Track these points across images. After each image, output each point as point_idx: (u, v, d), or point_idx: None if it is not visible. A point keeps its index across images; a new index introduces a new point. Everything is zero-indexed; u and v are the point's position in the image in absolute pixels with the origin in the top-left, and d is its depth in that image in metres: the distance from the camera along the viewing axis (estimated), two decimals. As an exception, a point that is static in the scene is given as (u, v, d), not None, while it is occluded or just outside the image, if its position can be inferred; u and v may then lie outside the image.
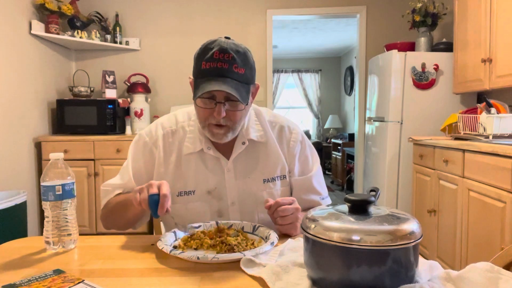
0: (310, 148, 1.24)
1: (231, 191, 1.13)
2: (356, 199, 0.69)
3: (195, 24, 3.91)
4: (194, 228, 0.99)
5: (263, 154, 1.16)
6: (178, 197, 1.13)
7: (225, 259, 0.80)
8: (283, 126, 1.20)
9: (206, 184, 1.13)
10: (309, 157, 1.23)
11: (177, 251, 0.84)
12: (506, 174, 1.85)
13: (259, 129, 1.17)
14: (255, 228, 0.99)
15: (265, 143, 1.16)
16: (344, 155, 5.89)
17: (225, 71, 0.99)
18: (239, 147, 1.13)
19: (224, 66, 0.98)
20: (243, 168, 1.15)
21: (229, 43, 1.01)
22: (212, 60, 0.99)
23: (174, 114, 1.21)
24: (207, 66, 0.99)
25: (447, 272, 0.69)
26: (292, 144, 1.19)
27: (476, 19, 2.67)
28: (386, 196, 3.21)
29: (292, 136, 1.20)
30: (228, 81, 0.98)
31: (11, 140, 2.93)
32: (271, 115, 1.23)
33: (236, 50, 1.00)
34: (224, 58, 0.98)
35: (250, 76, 1.04)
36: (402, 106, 3.16)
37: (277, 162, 1.17)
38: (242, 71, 1.01)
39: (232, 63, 0.99)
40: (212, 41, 1.02)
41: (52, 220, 0.90)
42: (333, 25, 5.55)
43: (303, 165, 1.21)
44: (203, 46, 1.02)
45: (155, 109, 3.88)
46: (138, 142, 1.18)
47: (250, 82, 1.05)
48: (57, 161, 0.91)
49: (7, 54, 2.88)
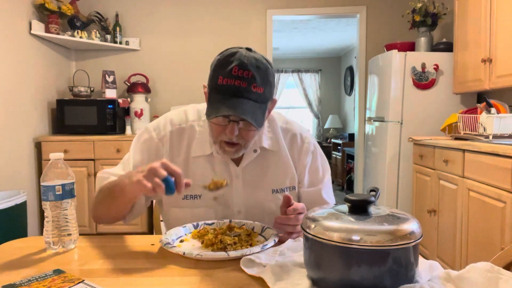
0: (321, 158, 1.20)
1: (238, 199, 1.10)
2: (356, 199, 0.69)
3: (195, 24, 3.90)
4: (207, 225, 1.01)
5: (274, 164, 1.12)
6: (184, 201, 1.09)
7: (208, 257, 0.81)
8: (295, 134, 1.16)
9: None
10: (320, 168, 1.19)
11: (169, 244, 0.86)
12: (506, 174, 1.85)
13: (271, 137, 1.13)
14: (263, 229, 0.99)
15: (276, 151, 1.12)
16: (344, 155, 5.89)
17: (242, 91, 0.92)
18: (250, 154, 1.09)
19: (242, 85, 0.92)
20: (252, 176, 1.11)
21: (250, 58, 0.93)
22: (230, 77, 0.92)
23: (184, 110, 1.15)
24: (224, 82, 0.93)
25: (447, 272, 0.69)
26: (303, 154, 1.16)
27: (476, 19, 2.67)
28: (386, 196, 3.21)
29: (304, 146, 1.16)
30: (244, 103, 0.92)
31: (11, 140, 2.93)
32: (284, 121, 1.18)
33: (256, 66, 0.93)
34: (243, 76, 0.92)
35: (269, 95, 0.98)
36: (402, 106, 3.16)
37: (287, 172, 1.13)
38: (261, 90, 0.94)
39: (251, 82, 0.92)
40: (233, 53, 0.94)
41: (52, 220, 0.90)
42: (333, 25, 5.55)
43: (313, 176, 1.18)
44: (222, 57, 0.95)
45: (155, 109, 3.88)
46: (143, 136, 1.12)
47: (267, 101, 0.99)
48: (57, 161, 0.91)
49: (7, 54, 2.88)
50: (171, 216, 1.11)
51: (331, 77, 7.72)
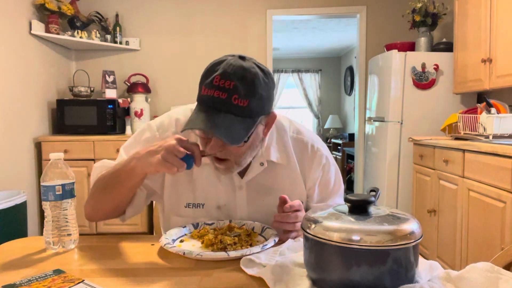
0: (333, 171, 1.12)
1: (242, 211, 1.05)
2: (356, 199, 0.69)
3: (195, 24, 3.90)
4: (206, 225, 1.01)
5: (281, 178, 1.05)
6: (186, 209, 1.04)
7: (208, 257, 0.81)
8: (306, 145, 1.08)
9: (216, 199, 1.04)
10: (331, 182, 1.11)
11: (169, 244, 0.86)
12: (506, 174, 1.85)
13: (279, 149, 1.05)
14: (263, 229, 0.99)
15: (285, 165, 1.05)
16: (344, 155, 5.89)
17: (221, 103, 0.84)
18: (256, 168, 1.02)
19: (222, 97, 0.83)
20: (257, 189, 1.05)
21: (236, 67, 0.85)
22: (210, 87, 0.84)
23: (191, 109, 1.00)
24: (205, 93, 0.86)
25: (447, 272, 0.69)
26: (314, 167, 1.08)
27: (476, 19, 2.67)
28: (386, 196, 3.21)
29: (315, 158, 1.08)
30: (220, 117, 0.84)
31: (11, 140, 2.94)
32: (295, 130, 1.09)
33: (242, 76, 0.84)
34: (224, 86, 0.83)
35: (258, 108, 0.88)
36: (402, 106, 3.16)
37: (295, 187, 1.06)
38: (245, 103, 0.84)
39: (232, 93, 0.83)
40: (221, 61, 0.87)
41: (52, 220, 0.90)
42: (333, 25, 5.55)
43: (323, 191, 1.11)
44: (210, 65, 0.89)
45: (155, 109, 3.88)
46: (145, 134, 1.06)
47: (255, 115, 0.88)
48: (57, 161, 0.91)
49: (7, 54, 2.88)
50: (171, 224, 1.06)
51: (331, 77, 7.72)
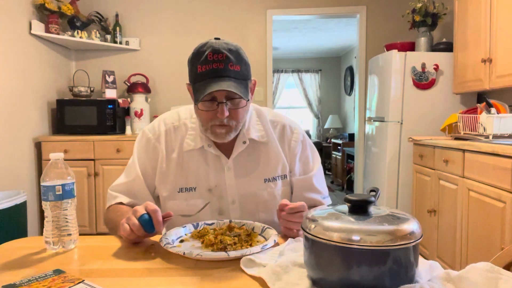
0: (311, 148, 1.25)
1: (232, 189, 1.15)
2: (356, 199, 0.69)
3: (195, 24, 3.91)
4: (206, 225, 1.02)
5: (264, 154, 1.17)
6: (179, 193, 1.14)
7: (208, 257, 0.81)
8: (284, 126, 1.22)
9: (207, 182, 1.14)
10: (310, 157, 1.24)
11: (169, 244, 0.86)
12: (506, 174, 1.85)
13: (260, 129, 1.18)
14: (263, 229, 0.99)
15: (266, 143, 1.17)
16: (344, 155, 5.89)
17: (221, 71, 1.00)
18: (239, 146, 1.14)
19: (220, 66, 0.99)
20: (243, 167, 1.16)
21: (220, 43, 1.02)
22: (207, 63, 1.00)
23: (176, 111, 1.23)
24: (203, 69, 1.00)
25: (447, 272, 0.69)
26: (293, 144, 1.20)
27: (476, 19, 2.67)
28: (386, 196, 3.21)
29: (293, 136, 1.21)
30: (226, 80, 0.99)
31: (11, 140, 2.94)
32: (273, 115, 1.24)
33: (228, 48, 1.01)
34: (218, 59, 0.99)
35: (246, 72, 1.05)
36: (402, 106, 3.16)
37: (278, 161, 1.18)
38: (238, 68, 1.02)
39: (227, 62, 1.00)
40: (203, 44, 1.03)
41: (52, 220, 0.90)
42: (333, 25, 5.55)
43: (304, 165, 1.22)
44: (196, 50, 1.03)
45: (155, 109, 3.88)
46: (142, 139, 1.20)
47: (247, 78, 1.06)
48: (57, 161, 0.91)
49: (7, 54, 2.88)
50: (168, 209, 1.15)
51: (331, 77, 7.72)
